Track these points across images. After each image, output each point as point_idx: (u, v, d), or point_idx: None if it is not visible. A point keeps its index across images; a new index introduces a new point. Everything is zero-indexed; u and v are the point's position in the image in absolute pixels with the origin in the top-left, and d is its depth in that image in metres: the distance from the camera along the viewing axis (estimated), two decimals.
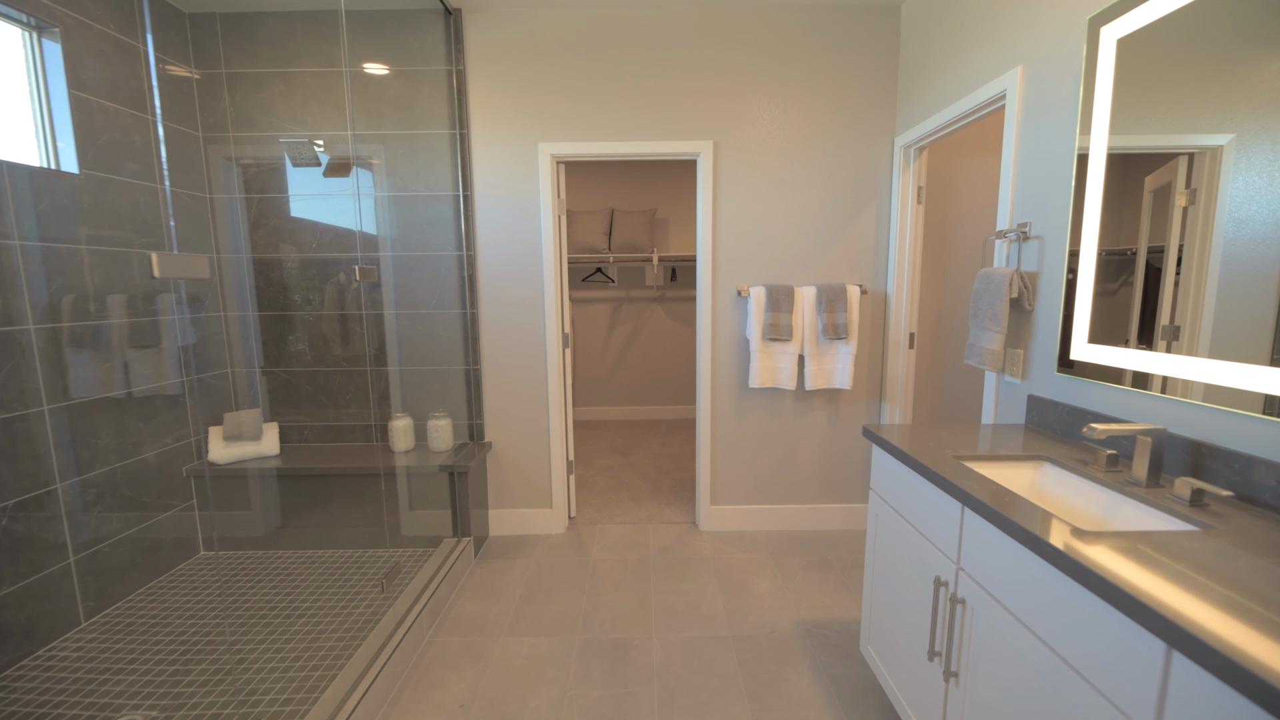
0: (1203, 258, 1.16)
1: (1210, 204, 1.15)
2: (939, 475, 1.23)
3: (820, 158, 2.53)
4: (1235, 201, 1.10)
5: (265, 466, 2.50)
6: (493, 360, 2.66)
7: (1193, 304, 1.18)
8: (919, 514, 1.37)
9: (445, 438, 2.56)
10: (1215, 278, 1.13)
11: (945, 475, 1.22)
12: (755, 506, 2.75)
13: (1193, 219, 1.19)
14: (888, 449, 1.50)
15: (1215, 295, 1.13)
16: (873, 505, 1.65)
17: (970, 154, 2.53)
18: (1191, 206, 1.19)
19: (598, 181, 4.75)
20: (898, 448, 1.43)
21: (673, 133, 2.52)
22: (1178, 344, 1.20)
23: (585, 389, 5.01)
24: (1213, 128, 1.14)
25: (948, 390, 2.66)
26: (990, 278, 1.70)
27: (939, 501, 1.27)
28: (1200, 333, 1.16)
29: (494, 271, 2.60)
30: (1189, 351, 1.17)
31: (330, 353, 2.65)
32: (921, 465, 1.31)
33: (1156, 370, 1.24)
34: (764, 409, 2.68)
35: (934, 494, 1.29)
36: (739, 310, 2.63)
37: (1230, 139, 1.11)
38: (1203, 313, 1.16)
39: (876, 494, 1.62)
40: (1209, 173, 1.16)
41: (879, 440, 1.56)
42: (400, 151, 2.53)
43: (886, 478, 1.56)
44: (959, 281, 2.60)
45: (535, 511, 2.76)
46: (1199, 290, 1.17)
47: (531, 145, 2.52)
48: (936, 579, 1.25)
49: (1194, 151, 1.18)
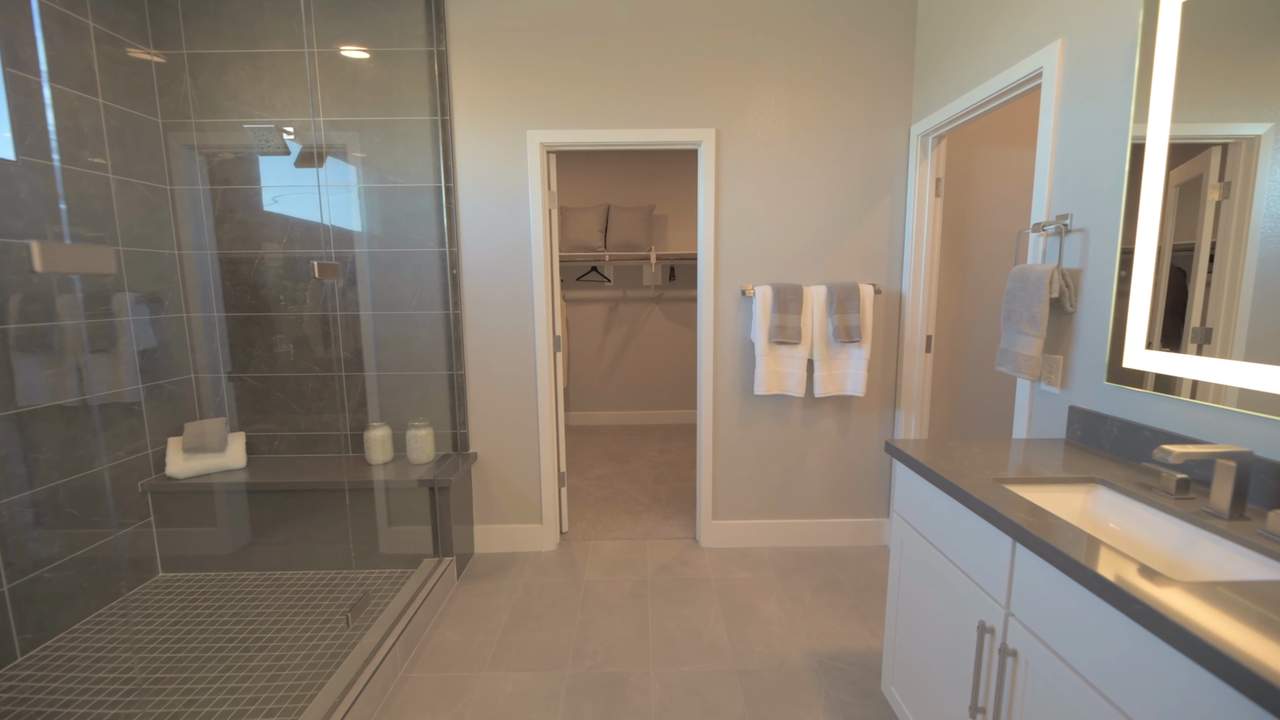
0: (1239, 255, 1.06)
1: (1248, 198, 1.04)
2: (983, 505, 1.05)
3: (830, 147, 2.35)
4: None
5: (230, 481, 2.31)
6: (478, 365, 2.47)
7: (1226, 305, 1.08)
8: (956, 545, 1.19)
9: (426, 449, 2.37)
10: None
11: (991, 505, 1.04)
12: (760, 521, 2.57)
13: (1227, 214, 1.09)
14: (917, 469, 1.32)
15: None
16: (896, 529, 1.47)
17: (992, 143, 2.36)
18: (1226, 200, 1.10)
19: (592, 177, 4.57)
20: (930, 469, 1.25)
21: (672, 120, 2.34)
22: (1210, 347, 1.03)
23: (580, 393, 4.82)
24: (1249, 116, 1.03)
25: (967, 397, 2.49)
26: (1026, 276, 1.53)
27: (982, 534, 1.09)
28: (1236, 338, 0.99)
29: (479, 269, 2.41)
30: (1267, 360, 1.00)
31: (302, 357, 2.46)
32: (961, 491, 1.13)
33: (1238, 383, 1.06)
34: (769, 417, 2.51)
35: (975, 524, 1.12)
36: (743, 311, 2.45)
37: (1269, 128, 0.99)
38: (1236, 316, 1.05)
39: (901, 518, 1.44)
40: (1245, 164, 1.04)
41: (904, 458, 1.38)
42: (377, 140, 2.34)
43: (914, 500, 1.38)
44: (980, 280, 2.43)
45: (524, 527, 2.57)
46: (1238, 291, 1.06)
47: (519, 133, 2.33)
48: (981, 624, 1.07)
49: (1228, 142, 1.09)
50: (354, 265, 2.40)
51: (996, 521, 1.02)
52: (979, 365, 2.47)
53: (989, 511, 1.04)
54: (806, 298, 2.34)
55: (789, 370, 2.35)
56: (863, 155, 2.36)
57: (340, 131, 2.34)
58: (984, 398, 2.49)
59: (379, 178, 2.36)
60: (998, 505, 1.03)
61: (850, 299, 2.30)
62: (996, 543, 1.05)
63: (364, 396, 2.48)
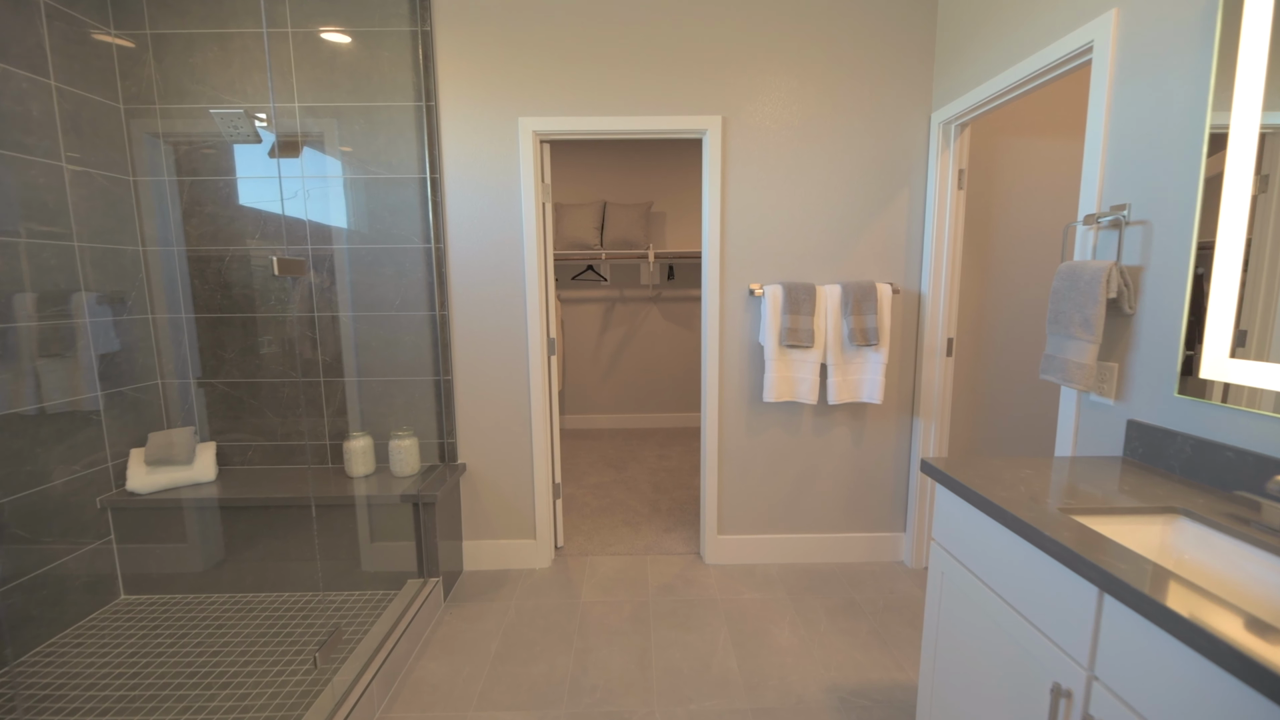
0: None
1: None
2: (1062, 548, 0.89)
3: (844, 136, 2.18)
4: None
5: (199, 496, 2.13)
6: (467, 369, 2.30)
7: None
8: (1018, 588, 1.02)
9: (410, 460, 2.20)
10: None
11: (1069, 545, 0.87)
12: (769, 536, 2.41)
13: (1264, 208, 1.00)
14: (966, 496, 1.15)
15: None
16: (936, 560, 1.30)
17: (1017, 132, 2.20)
18: (1263, 195, 1.02)
19: (588, 172, 4.39)
20: (983, 497, 1.09)
21: (675, 106, 2.17)
22: None
23: (575, 396, 4.65)
24: None
25: (990, 405, 2.33)
26: (1078, 274, 1.36)
27: (1056, 578, 0.93)
28: None
29: (468, 267, 2.24)
30: None
31: (278, 361, 2.28)
32: (1029, 528, 0.96)
33: None
34: (779, 425, 2.34)
35: (1046, 566, 0.95)
36: (750, 312, 2.28)
37: None
38: None
39: (942, 547, 1.28)
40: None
41: (948, 481, 1.21)
42: (356, 127, 2.16)
43: (959, 529, 1.21)
44: (1004, 279, 2.27)
45: (516, 543, 2.40)
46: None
47: (510, 120, 2.16)
48: (1056, 687, 0.90)
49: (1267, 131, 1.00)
50: (332, 262, 2.22)
51: (1079, 568, 0.86)
52: (1003, 370, 2.31)
53: (1069, 556, 0.88)
54: (819, 298, 2.17)
55: (801, 375, 2.19)
56: (879, 145, 2.19)
57: (317, 118, 2.16)
58: (1009, 405, 2.33)
59: (359, 168, 2.18)
60: (1081, 549, 0.87)
61: (867, 299, 2.14)
62: (1076, 591, 0.89)
63: (344, 404, 2.30)
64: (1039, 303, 2.27)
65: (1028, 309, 2.28)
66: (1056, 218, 2.24)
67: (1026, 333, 2.29)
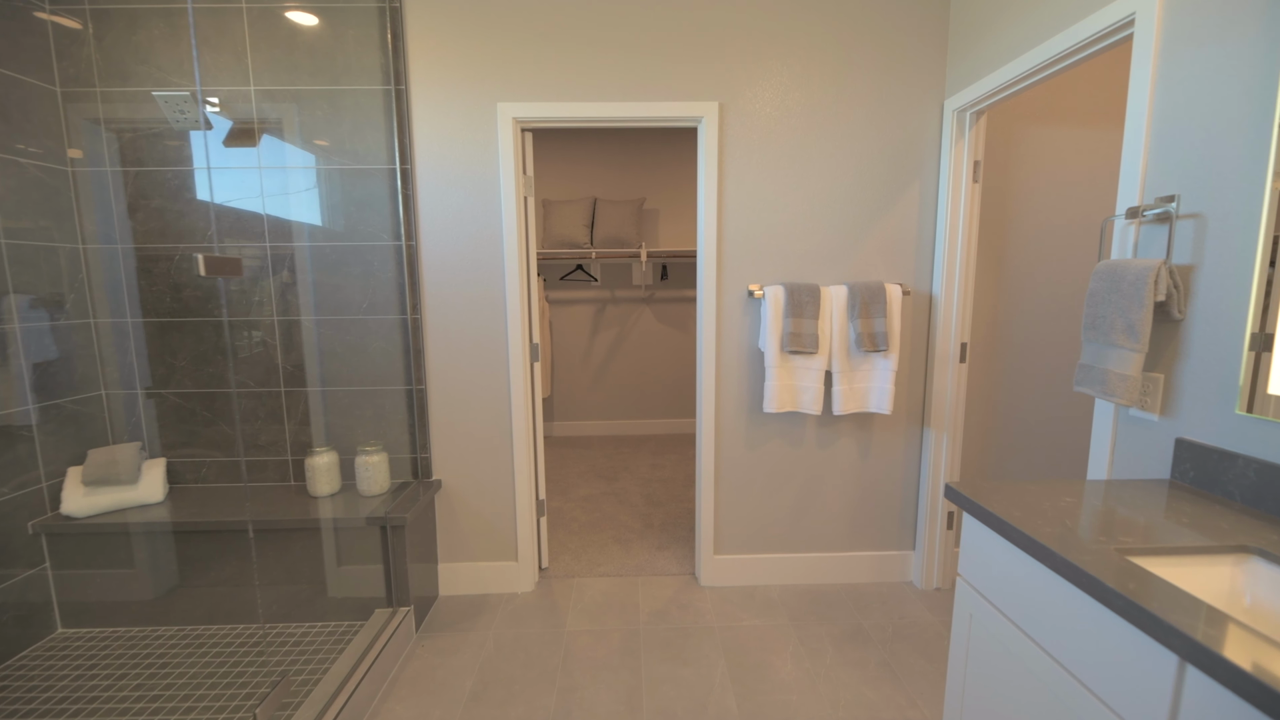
0: None
1: None
2: (1133, 605, 0.73)
3: (851, 125, 2.03)
4: None
5: (145, 519, 1.93)
6: (442, 378, 2.11)
7: None
8: (1069, 643, 0.86)
9: (379, 477, 2.01)
10: None
11: (1143, 604, 0.71)
12: (769, 556, 2.24)
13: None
14: (1002, 530, 0.99)
15: None
16: (964, 601, 1.14)
17: (1037, 121, 2.05)
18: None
19: (578, 166, 4.22)
20: (1028, 535, 0.93)
21: (668, 91, 2.00)
22: None
23: (565, 402, 4.47)
24: None
25: (1005, 414, 2.18)
26: (1120, 274, 1.21)
27: (1119, 636, 0.77)
28: None
29: (443, 266, 2.06)
30: None
31: (233, 370, 2.09)
32: (1088, 578, 0.80)
33: None
34: (780, 437, 2.18)
35: (1104, 620, 0.79)
36: (750, 315, 2.12)
37: None
38: None
39: (971, 586, 1.12)
40: None
41: (978, 511, 1.05)
42: (319, 112, 1.98)
43: (991, 565, 1.05)
44: (1021, 280, 2.11)
45: (496, 565, 2.22)
46: None
47: (488, 106, 1.98)
48: None
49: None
50: (293, 261, 2.03)
51: (1158, 633, 0.70)
52: (1020, 377, 2.16)
53: (1145, 619, 0.71)
54: (824, 300, 2.01)
55: (804, 384, 2.03)
56: (888, 134, 2.03)
57: (275, 103, 1.97)
58: (1027, 415, 2.18)
59: (322, 157, 2.00)
60: (1160, 610, 0.71)
61: (875, 301, 1.98)
62: (1150, 656, 0.73)
63: (308, 416, 2.11)
64: (1060, 305, 2.13)
65: (1048, 312, 2.13)
66: (1082, 213, 2.09)
67: (1046, 338, 2.14)
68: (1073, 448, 2.20)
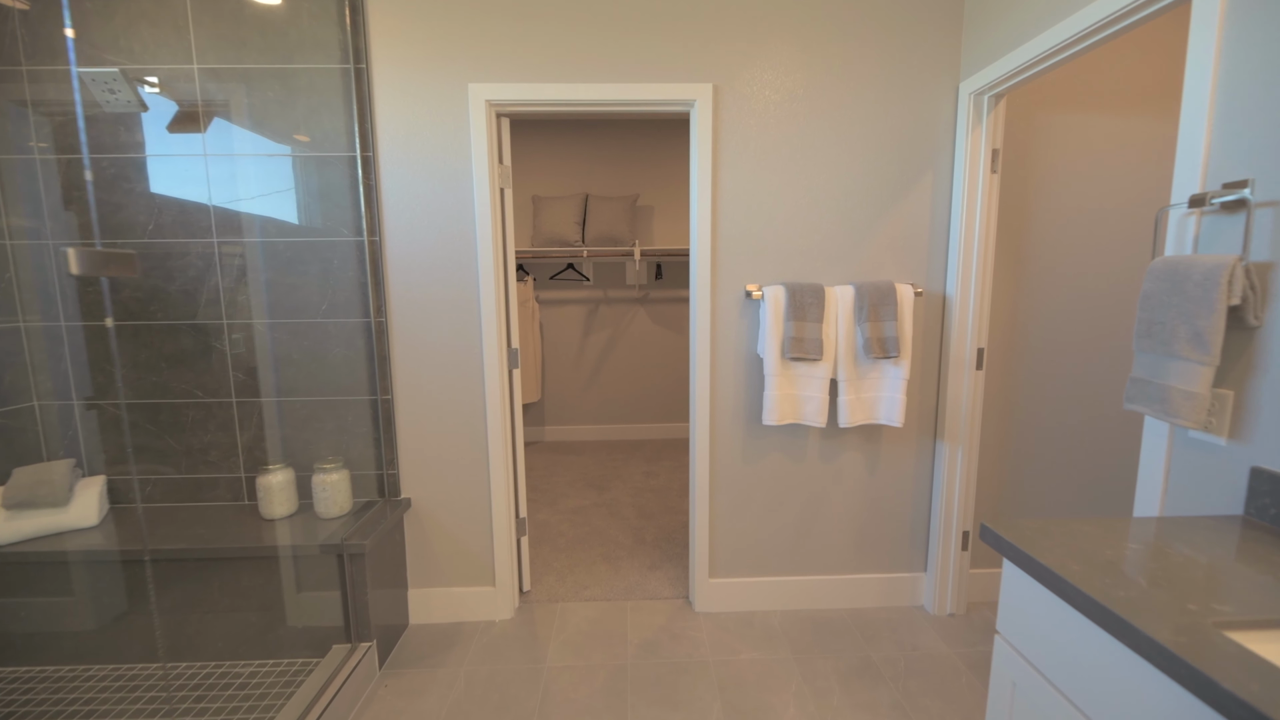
0: None
1: None
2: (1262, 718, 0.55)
3: (858, 110, 1.85)
4: None
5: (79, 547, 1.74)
6: (410, 387, 1.93)
7: None
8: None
9: (338, 498, 1.82)
10: None
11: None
12: (769, 579, 2.07)
13: None
14: (1057, 588, 0.81)
15: None
16: (1004, 664, 0.96)
17: (1063, 106, 1.87)
18: None
19: (568, 161, 4.03)
20: (1098, 602, 0.75)
21: (658, 71, 1.81)
22: None
23: (556, 406, 4.29)
24: None
25: (1025, 426, 2.00)
26: (1183, 274, 1.03)
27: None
28: None
29: (410, 265, 1.87)
30: None
31: (180, 379, 1.90)
32: (1187, 667, 0.62)
33: None
34: (780, 450, 2.00)
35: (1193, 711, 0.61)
36: (747, 318, 1.94)
37: None
38: None
39: (1011, 647, 0.94)
40: None
41: (1026, 563, 0.88)
42: (270, 93, 1.79)
43: (1039, 626, 0.87)
44: (1045, 279, 1.94)
45: (472, 590, 2.04)
46: None
47: (459, 87, 1.79)
48: None
49: None
50: (244, 259, 1.84)
51: None
52: (1041, 386, 1.99)
53: None
54: (829, 301, 1.83)
55: (807, 393, 1.85)
56: (898, 120, 1.85)
57: (220, 83, 1.77)
58: (1047, 426, 2.01)
59: (274, 143, 1.80)
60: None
61: (885, 303, 1.80)
62: None
63: (263, 428, 1.92)
64: (1086, 308, 1.95)
65: (1072, 315, 1.95)
66: (1113, 206, 1.91)
67: (1070, 343, 1.97)
68: (1100, 461, 2.02)
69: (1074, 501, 2.05)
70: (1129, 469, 2.02)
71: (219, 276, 1.84)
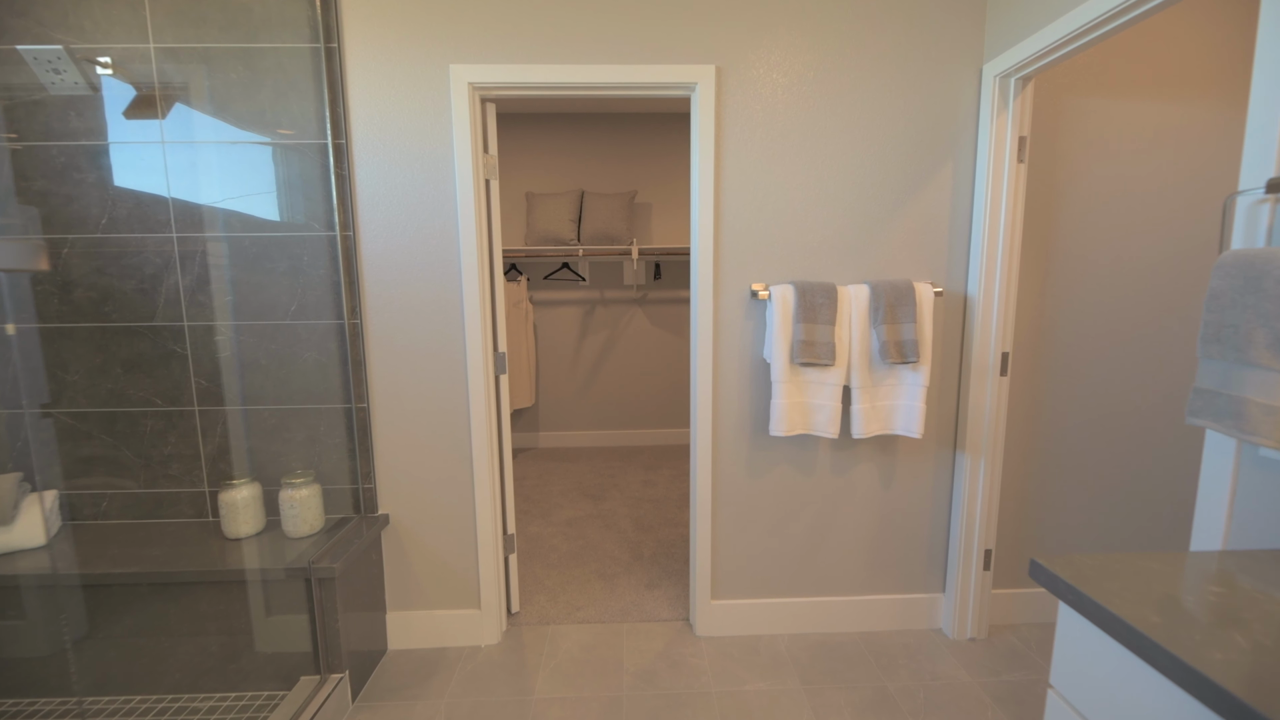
0: None
1: None
2: None
3: (872, 93, 1.71)
4: None
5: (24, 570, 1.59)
6: (388, 395, 1.78)
7: None
8: None
9: (308, 515, 1.68)
10: None
11: None
12: (775, 600, 1.92)
13: None
14: (1139, 647, 0.67)
15: None
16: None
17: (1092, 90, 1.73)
18: None
19: (563, 157, 3.89)
20: (1195, 670, 0.60)
21: (656, 52, 1.67)
22: None
23: (551, 411, 4.14)
24: None
25: (1052, 437, 1.86)
26: (1261, 269, 0.89)
27: None
28: None
29: (387, 263, 1.73)
30: None
31: (138, 385, 1.75)
32: None
33: None
34: (788, 462, 1.86)
35: None
36: (753, 320, 1.79)
37: None
38: None
39: (1071, 708, 0.80)
40: None
41: (1094, 611, 0.73)
42: (233, 75, 1.64)
43: (1108, 687, 0.73)
44: (1073, 278, 1.80)
45: (456, 614, 1.89)
46: None
47: (439, 68, 1.65)
48: None
49: None
50: (205, 256, 1.70)
51: None
52: (1069, 393, 1.85)
53: None
54: (842, 302, 1.69)
55: (819, 402, 1.70)
56: (917, 105, 1.71)
57: (179, 63, 1.63)
58: (1076, 438, 1.87)
59: (237, 129, 1.66)
60: None
61: (903, 303, 1.66)
62: None
63: (228, 439, 1.77)
64: (1122, 308, 1.81)
65: (1105, 316, 1.82)
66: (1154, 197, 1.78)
67: (1102, 346, 1.83)
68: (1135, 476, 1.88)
69: (1106, 522, 1.91)
70: (1168, 486, 1.88)
71: (179, 275, 1.70)
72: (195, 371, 1.74)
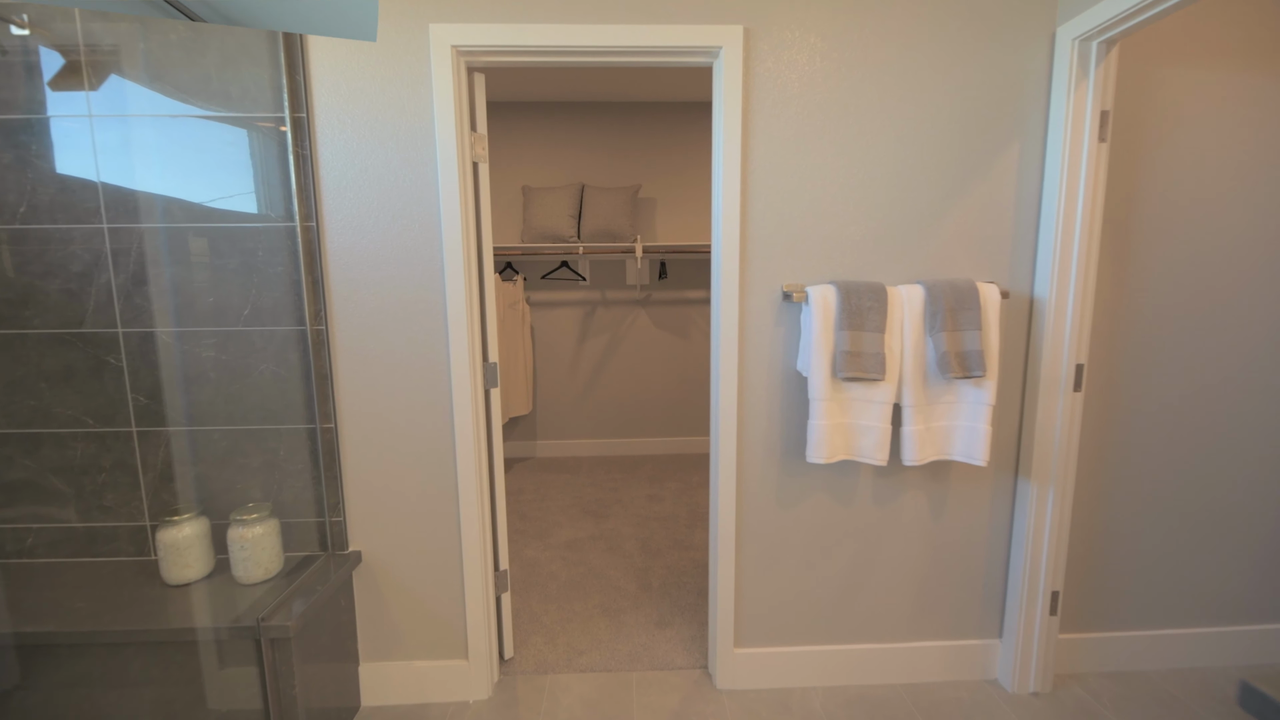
0: None
1: None
2: None
3: (925, 62, 1.46)
4: None
5: None
6: (359, 413, 1.53)
7: None
8: None
9: (262, 556, 1.42)
10: None
11: None
12: (808, 649, 1.67)
13: None
14: None
15: None
16: None
17: (1186, 58, 1.48)
18: None
19: (562, 148, 3.64)
20: None
21: (671, 10, 1.42)
22: None
23: (549, 419, 3.89)
24: None
25: (1128, 460, 1.62)
26: None
27: None
28: None
29: (356, 258, 1.47)
30: None
31: (65, 402, 1.49)
32: None
33: None
34: (824, 490, 1.60)
35: None
36: (785, 326, 1.54)
37: None
38: None
39: None
40: None
41: None
42: (172, 39, 1.39)
43: None
44: (1159, 279, 1.55)
45: (440, 665, 1.64)
46: None
47: (417, 29, 1.40)
48: None
49: None
50: (141, 249, 1.44)
51: None
52: (1152, 411, 1.60)
53: None
54: (893, 305, 1.44)
55: (865, 423, 1.45)
56: (977, 74, 1.46)
57: (109, 24, 1.37)
58: (1158, 463, 1.62)
59: (178, 102, 1.40)
60: None
61: (965, 307, 1.41)
62: None
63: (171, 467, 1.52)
64: (1220, 314, 1.56)
65: (1198, 324, 1.57)
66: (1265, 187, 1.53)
67: (1193, 357, 1.58)
68: (1226, 506, 1.64)
69: (1192, 559, 1.66)
70: (1269, 520, 1.63)
71: (111, 272, 1.44)
72: (132, 386, 1.48)
